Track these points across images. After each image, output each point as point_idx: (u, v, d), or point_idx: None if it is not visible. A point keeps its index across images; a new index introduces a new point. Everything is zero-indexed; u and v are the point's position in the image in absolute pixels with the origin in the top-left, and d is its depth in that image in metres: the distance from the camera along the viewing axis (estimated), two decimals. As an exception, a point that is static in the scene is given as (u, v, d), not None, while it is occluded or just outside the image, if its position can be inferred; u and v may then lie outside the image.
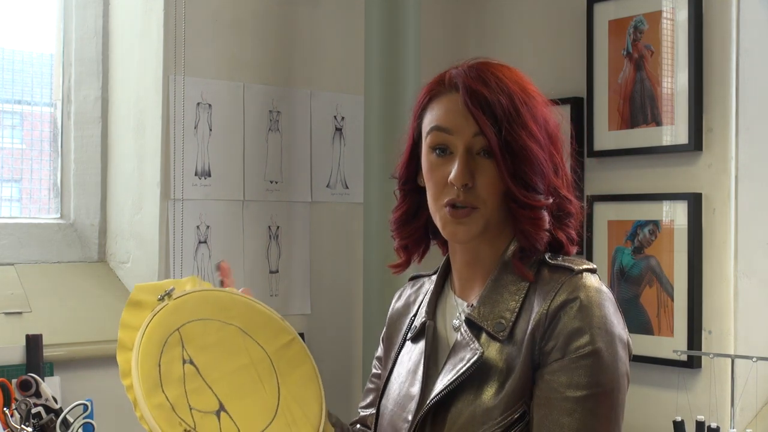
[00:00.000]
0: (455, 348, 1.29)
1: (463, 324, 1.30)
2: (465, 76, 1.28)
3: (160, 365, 1.26)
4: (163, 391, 1.23)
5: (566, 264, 1.27)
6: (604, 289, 1.25)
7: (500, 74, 1.29)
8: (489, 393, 1.23)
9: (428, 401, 1.27)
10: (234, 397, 1.29)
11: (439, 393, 1.26)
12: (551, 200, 1.28)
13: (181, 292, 1.37)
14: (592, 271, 1.27)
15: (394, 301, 1.52)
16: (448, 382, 1.25)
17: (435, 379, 1.30)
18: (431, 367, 1.33)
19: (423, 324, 1.37)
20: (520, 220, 1.27)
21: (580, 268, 1.26)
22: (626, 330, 1.27)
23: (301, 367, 1.38)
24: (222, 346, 1.33)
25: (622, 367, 1.23)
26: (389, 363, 1.44)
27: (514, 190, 1.26)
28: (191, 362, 1.29)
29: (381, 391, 1.43)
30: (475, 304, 1.30)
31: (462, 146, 1.27)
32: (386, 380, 1.43)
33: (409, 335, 1.41)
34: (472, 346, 1.26)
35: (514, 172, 1.25)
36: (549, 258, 1.29)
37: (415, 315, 1.43)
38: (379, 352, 1.52)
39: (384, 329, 1.52)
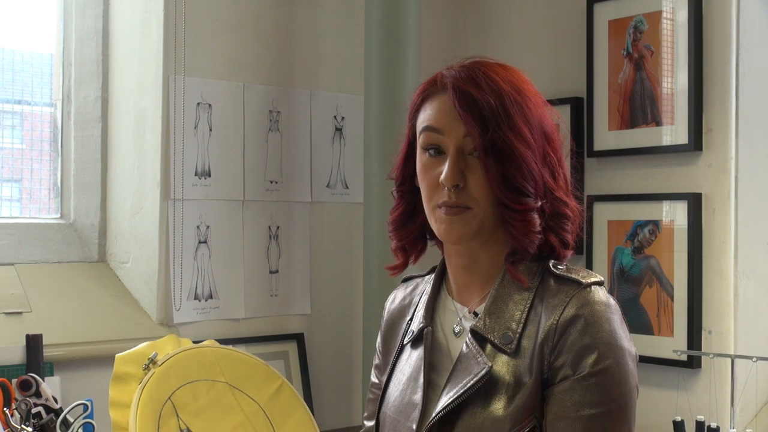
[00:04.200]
0: (461, 359, 1.27)
1: (468, 335, 1.28)
2: (455, 77, 1.27)
3: None
4: None
5: (573, 276, 1.26)
6: (612, 302, 1.25)
7: (492, 73, 1.27)
8: (497, 406, 1.22)
9: (434, 414, 1.26)
10: None
11: (445, 407, 1.25)
12: (539, 203, 1.26)
13: (164, 356, 1.36)
14: (600, 283, 1.26)
15: (388, 304, 1.49)
16: (455, 396, 1.24)
17: (438, 388, 1.29)
18: (432, 374, 1.31)
19: (421, 329, 1.35)
20: (509, 222, 1.25)
21: (589, 281, 1.25)
22: (632, 341, 1.26)
23: (295, 414, 1.37)
24: (215, 407, 1.33)
25: (632, 380, 1.23)
26: (387, 369, 1.42)
27: (499, 192, 1.24)
28: (189, 431, 1.29)
29: (380, 399, 1.40)
30: (479, 315, 1.28)
31: (453, 146, 1.26)
32: (385, 387, 1.40)
33: (407, 340, 1.39)
34: (479, 359, 1.24)
35: (502, 173, 1.24)
36: (554, 266, 1.28)
37: (411, 318, 1.41)
38: (377, 360, 1.49)
39: (379, 335, 1.49)
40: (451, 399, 1.24)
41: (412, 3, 2.58)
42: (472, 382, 1.23)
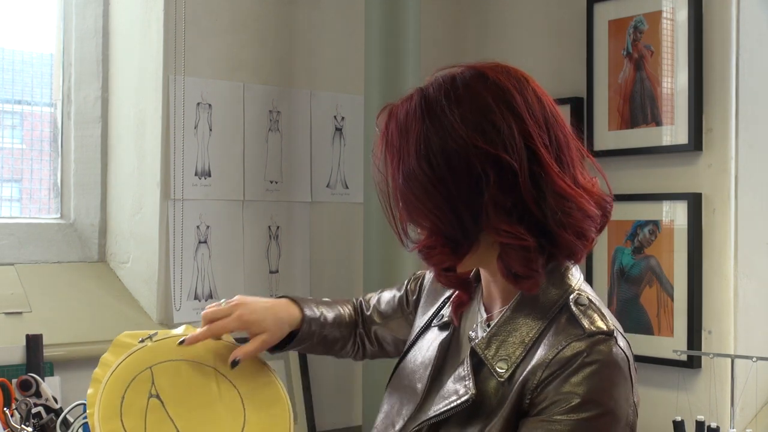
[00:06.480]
0: (458, 373, 1.27)
1: (468, 351, 1.27)
2: (388, 113, 1.26)
3: (123, 397, 1.29)
4: (121, 420, 1.27)
5: (582, 321, 1.18)
6: (614, 357, 1.16)
7: (418, 97, 1.23)
8: (472, 430, 1.20)
9: (418, 423, 1.27)
10: (196, 429, 1.30)
11: (427, 419, 1.25)
12: (433, 239, 1.21)
13: (163, 335, 1.39)
14: (608, 334, 1.17)
15: (428, 272, 1.51)
16: (438, 412, 1.24)
17: (440, 384, 1.30)
18: (441, 369, 1.33)
19: (447, 323, 1.36)
20: None
21: (593, 329, 1.17)
22: (630, 403, 1.18)
23: (274, 408, 1.38)
24: (192, 382, 1.36)
25: None
26: (412, 334, 1.44)
27: (399, 231, 1.25)
28: (157, 396, 1.31)
29: (396, 365, 1.43)
30: (485, 332, 1.26)
31: None
32: (403, 355, 1.43)
33: (435, 322, 1.40)
34: (467, 383, 1.22)
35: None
36: (574, 302, 1.22)
37: (446, 300, 1.41)
38: (408, 285, 1.55)
39: (425, 280, 1.52)
40: (436, 413, 1.25)
41: (412, 3, 2.58)
42: (454, 404, 1.22)
